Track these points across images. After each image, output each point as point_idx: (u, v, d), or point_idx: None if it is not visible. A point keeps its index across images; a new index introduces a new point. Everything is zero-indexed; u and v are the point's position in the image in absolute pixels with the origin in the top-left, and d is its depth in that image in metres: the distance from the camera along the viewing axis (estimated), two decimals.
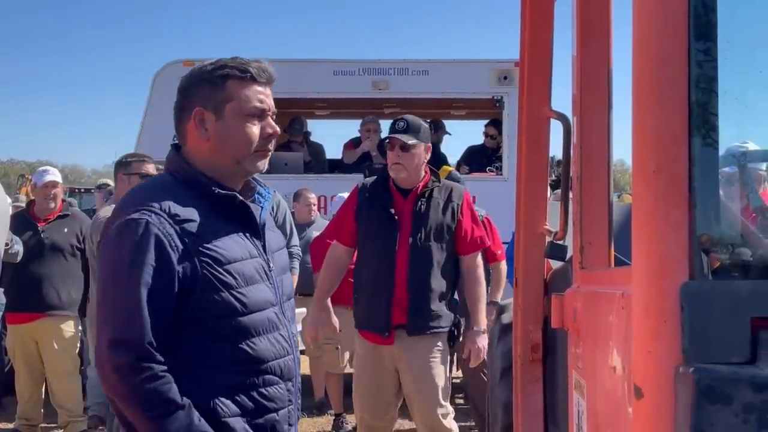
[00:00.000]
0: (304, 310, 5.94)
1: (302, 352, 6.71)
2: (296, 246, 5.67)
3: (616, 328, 1.62)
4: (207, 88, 2.11)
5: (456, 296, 4.47)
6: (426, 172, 4.39)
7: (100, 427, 6.07)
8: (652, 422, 1.36)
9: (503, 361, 3.77)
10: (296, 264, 5.63)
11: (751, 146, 2.30)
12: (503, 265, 5.76)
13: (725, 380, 1.28)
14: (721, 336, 1.33)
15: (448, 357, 4.37)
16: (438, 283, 4.25)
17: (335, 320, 6.55)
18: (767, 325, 1.32)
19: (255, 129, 2.11)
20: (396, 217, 4.27)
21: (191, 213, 2.04)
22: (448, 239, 4.28)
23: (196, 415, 1.97)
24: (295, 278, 5.63)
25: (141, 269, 1.94)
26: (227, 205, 2.10)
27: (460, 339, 4.45)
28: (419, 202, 4.28)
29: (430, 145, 4.40)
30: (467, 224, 4.33)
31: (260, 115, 2.12)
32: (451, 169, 6.19)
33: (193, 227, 2.02)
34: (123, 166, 4.98)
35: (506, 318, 3.97)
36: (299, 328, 5.74)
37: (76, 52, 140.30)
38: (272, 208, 5.54)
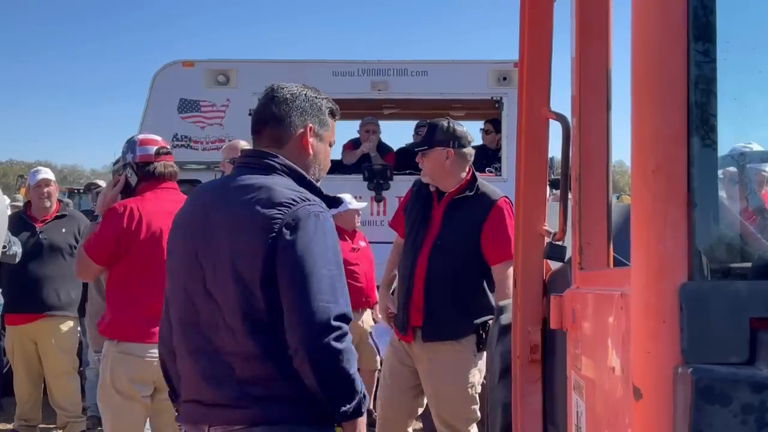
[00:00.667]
0: None
1: None
2: None
3: (615, 328, 1.62)
4: (318, 113, 2.54)
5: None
6: (468, 175, 4.29)
7: (99, 428, 6.06)
8: (651, 423, 1.36)
9: (502, 362, 3.76)
10: None
11: (756, 147, 2.30)
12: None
13: (724, 381, 1.28)
14: (719, 336, 1.33)
15: (475, 364, 4.26)
16: (455, 291, 4.18)
17: None
18: (766, 326, 1.32)
19: None
20: (429, 220, 4.26)
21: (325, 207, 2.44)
22: (473, 247, 4.18)
23: None
24: None
25: (339, 254, 2.39)
26: None
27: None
28: (449, 207, 4.24)
29: (451, 149, 4.21)
30: (491, 232, 4.17)
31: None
32: None
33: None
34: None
35: (505, 318, 3.96)
36: None
37: (76, 54, 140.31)
38: None
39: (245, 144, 5.63)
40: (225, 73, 8.17)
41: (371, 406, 6.78)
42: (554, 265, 3.13)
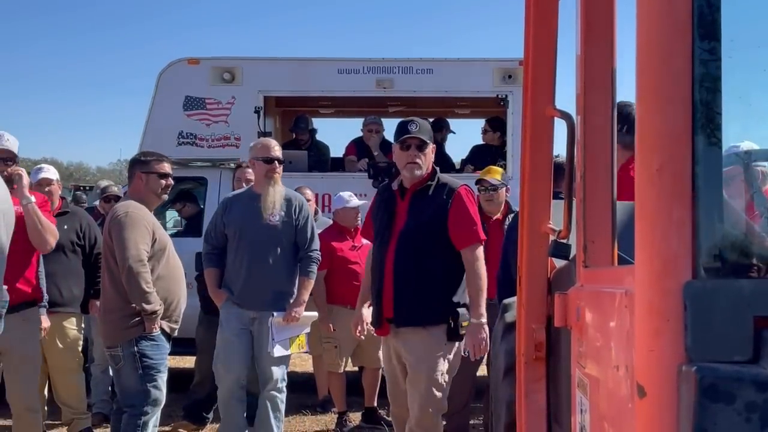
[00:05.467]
0: (315, 314, 5.91)
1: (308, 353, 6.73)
2: (316, 250, 5.65)
3: (619, 326, 1.62)
4: None
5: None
6: (427, 170, 4.56)
7: (105, 425, 6.08)
8: (655, 421, 1.36)
9: (506, 360, 3.76)
10: (314, 268, 5.64)
11: (745, 145, 2.30)
12: None
13: (728, 379, 1.28)
14: (723, 335, 1.33)
15: (443, 352, 4.43)
16: (423, 277, 4.37)
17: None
18: None
19: None
20: (394, 216, 4.46)
21: None
22: (438, 228, 4.41)
23: None
24: (312, 282, 5.64)
25: None
26: None
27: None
28: (414, 198, 4.46)
29: (434, 145, 4.63)
30: (456, 218, 4.45)
31: None
32: (500, 170, 6.27)
33: None
34: (142, 164, 4.99)
35: (510, 316, 3.96)
36: (308, 330, 5.73)
37: (81, 51, 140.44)
38: (294, 210, 5.53)
39: (275, 145, 5.66)
40: (230, 71, 8.18)
41: (374, 404, 6.81)
42: (559, 263, 3.13)
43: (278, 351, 5.42)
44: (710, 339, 1.32)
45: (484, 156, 8.48)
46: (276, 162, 5.48)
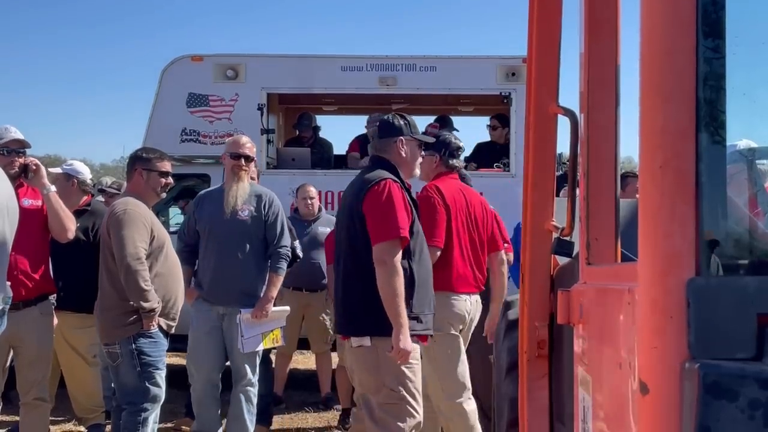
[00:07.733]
0: (287, 308, 5.90)
1: (305, 347, 6.68)
2: (285, 246, 5.63)
3: (622, 324, 1.62)
4: None
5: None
6: None
7: (107, 421, 6.09)
8: (658, 418, 1.36)
9: (509, 357, 3.77)
10: (283, 265, 5.62)
11: (743, 143, 2.30)
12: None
13: (731, 376, 1.28)
14: (727, 332, 1.33)
15: None
16: None
17: None
18: None
19: None
20: None
21: None
22: None
23: None
24: (280, 278, 5.62)
25: None
26: None
27: None
28: None
29: None
30: None
31: None
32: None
33: None
34: (143, 161, 4.98)
35: (512, 314, 3.97)
36: (283, 324, 5.73)
37: (84, 47, 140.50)
38: (264, 205, 5.53)
39: (247, 142, 5.64)
40: (234, 68, 8.19)
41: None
42: (562, 260, 3.13)
43: (249, 347, 5.44)
44: (713, 336, 1.33)
45: (487, 153, 8.48)
46: (242, 159, 5.50)
